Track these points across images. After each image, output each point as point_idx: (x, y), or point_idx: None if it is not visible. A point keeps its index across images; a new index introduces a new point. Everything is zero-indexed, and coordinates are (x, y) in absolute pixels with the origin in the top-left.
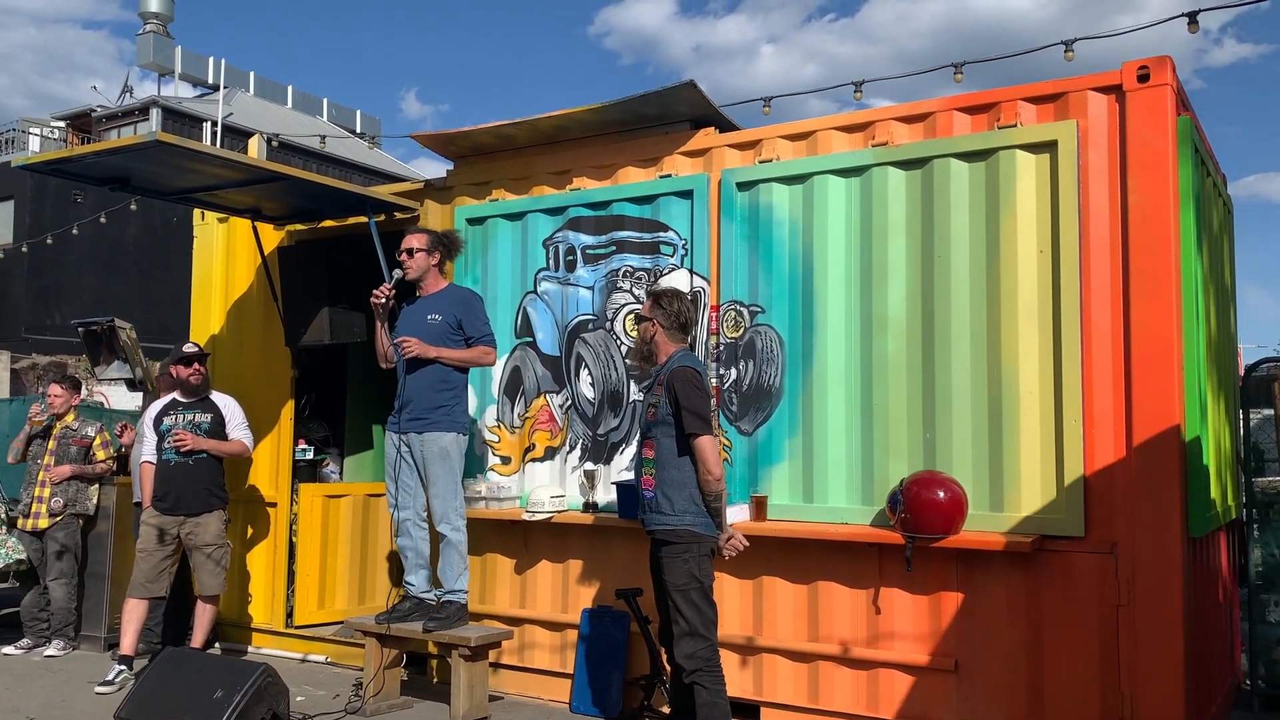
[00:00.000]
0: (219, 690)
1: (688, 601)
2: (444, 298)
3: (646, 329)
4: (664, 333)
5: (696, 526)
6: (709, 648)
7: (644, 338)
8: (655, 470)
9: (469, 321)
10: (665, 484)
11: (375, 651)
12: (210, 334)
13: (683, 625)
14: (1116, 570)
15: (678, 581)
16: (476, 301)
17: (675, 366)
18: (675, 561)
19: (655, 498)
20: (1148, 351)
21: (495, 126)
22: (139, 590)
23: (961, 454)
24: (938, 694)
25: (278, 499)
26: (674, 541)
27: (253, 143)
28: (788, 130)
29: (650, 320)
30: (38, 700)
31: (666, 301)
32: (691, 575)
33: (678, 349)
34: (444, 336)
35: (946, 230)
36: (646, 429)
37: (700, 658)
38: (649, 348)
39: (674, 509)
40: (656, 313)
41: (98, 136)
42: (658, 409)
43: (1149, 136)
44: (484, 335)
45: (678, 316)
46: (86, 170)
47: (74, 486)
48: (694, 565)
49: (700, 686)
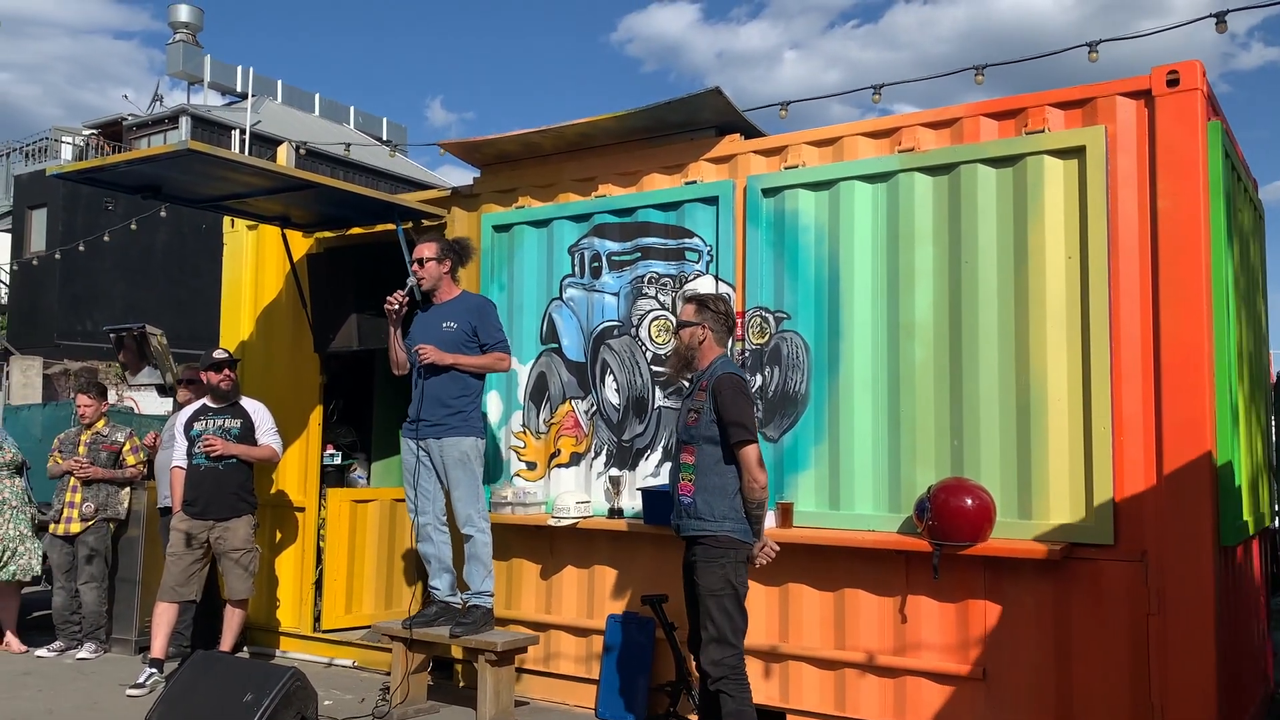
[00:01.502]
0: (248, 693)
1: (720, 607)
2: (458, 305)
3: (695, 334)
4: (713, 337)
5: (736, 533)
6: (735, 655)
7: (690, 342)
8: (696, 476)
9: (483, 328)
10: (706, 490)
11: (402, 656)
12: (240, 340)
13: (711, 631)
14: (1146, 579)
15: (712, 586)
16: (490, 308)
17: (720, 373)
18: (712, 566)
19: (694, 503)
20: (1178, 358)
21: (521, 134)
22: (169, 594)
23: (989, 461)
24: (965, 703)
25: (306, 504)
26: (712, 546)
27: (281, 150)
28: (813, 136)
29: (699, 325)
30: (70, 702)
31: (714, 304)
32: (727, 581)
33: (719, 355)
34: (459, 344)
35: (974, 236)
36: (687, 435)
37: (727, 665)
38: (693, 353)
39: (714, 515)
40: (705, 316)
41: (128, 145)
42: (700, 415)
43: (1179, 141)
44: (499, 341)
45: (727, 319)
46: (119, 179)
47: (105, 491)
48: (730, 571)
49: (725, 695)
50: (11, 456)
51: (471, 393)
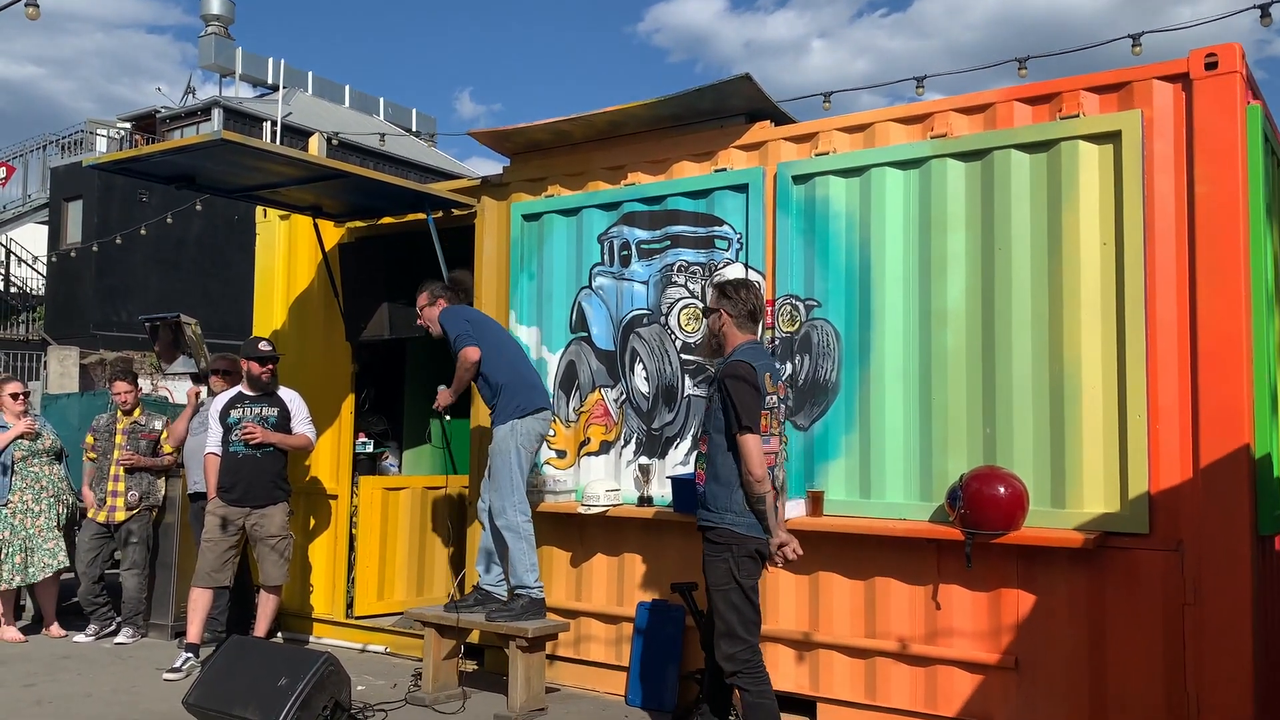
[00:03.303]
0: (283, 678)
1: (726, 602)
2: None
3: (714, 321)
4: (733, 323)
5: (737, 526)
6: (748, 649)
7: (714, 329)
8: (706, 466)
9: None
10: (712, 480)
11: (434, 642)
12: (273, 329)
13: (720, 626)
14: (1182, 568)
15: (716, 581)
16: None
17: (729, 363)
18: (714, 560)
19: (704, 494)
20: (1215, 345)
21: (551, 123)
22: (205, 580)
23: (1022, 449)
24: (998, 692)
25: (338, 491)
26: (715, 540)
27: (313, 141)
28: (844, 123)
29: (718, 311)
30: (108, 685)
31: (732, 290)
32: (729, 575)
33: (746, 340)
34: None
35: (1007, 223)
36: (704, 423)
37: (739, 660)
38: (718, 340)
39: (716, 506)
40: (723, 303)
41: (161, 137)
42: (711, 404)
43: (1217, 125)
44: (454, 342)
45: (745, 304)
46: (153, 169)
47: (146, 479)
48: (733, 565)
49: (742, 689)
50: (51, 443)
51: (493, 387)
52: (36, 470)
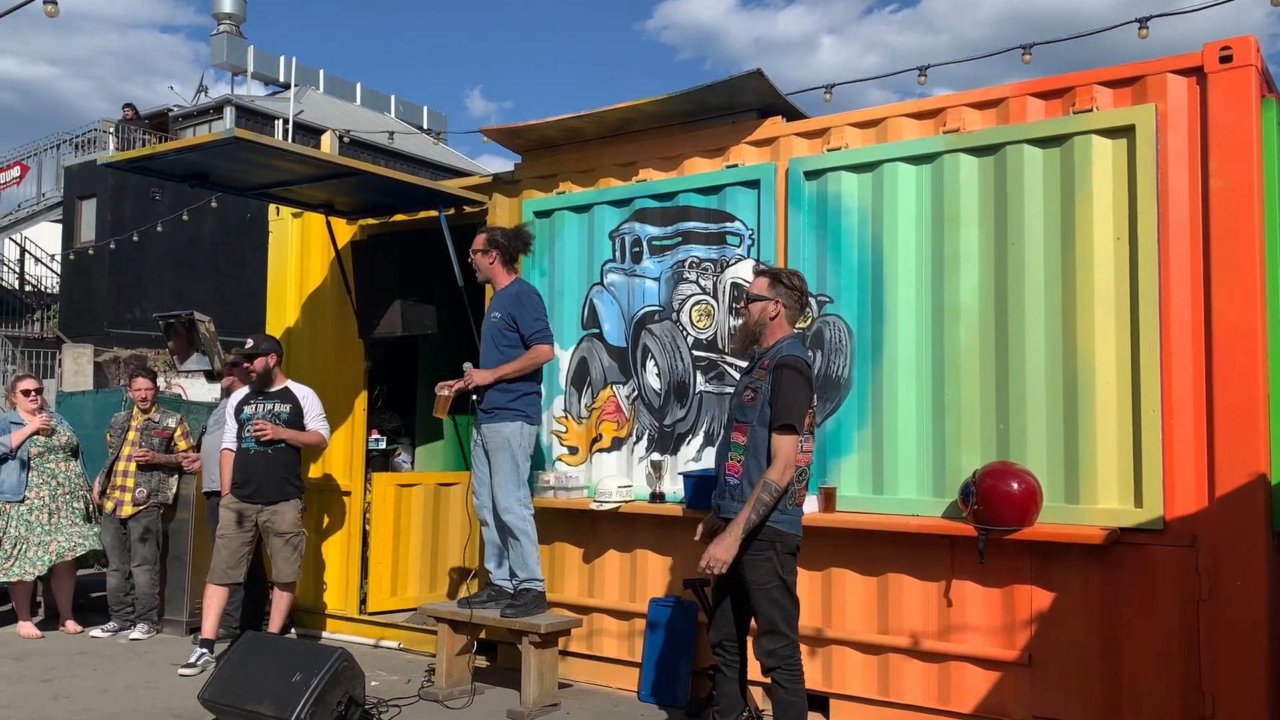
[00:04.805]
0: (297, 673)
1: (769, 599)
2: (503, 294)
3: (766, 309)
4: (785, 314)
5: (780, 524)
6: (789, 645)
7: (760, 318)
8: (745, 458)
9: (521, 318)
10: (755, 473)
11: (447, 638)
12: (286, 326)
13: (764, 623)
14: (1197, 564)
15: (760, 580)
16: (528, 296)
17: (785, 354)
18: (757, 559)
19: (741, 486)
20: (1230, 339)
21: (562, 120)
22: (219, 576)
23: (1036, 445)
24: (1011, 688)
25: (351, 488)
26: (757, 537)
27: (325, 139)
28: (857, 118)
29: (771, 300)
30: (124, 681)
31: (788, 279)
32: (774, 573)
33: (788, 335)
34: (502, 333)
35: (1020, 217)
36: (741, 414)
37: (780, 655)
38: (761, 329)
39: None
40: (779, 291)
41: (174, 135)
42: (757, 395)
43: (1232, 119)
44: (536, 332)
45: (802, 296)
46: (167, 167)
47: (156, 477)
48: (777, 563)
49: (778, 684)
50: (67, 439)
51: (518, 390)
52: (53, 467)
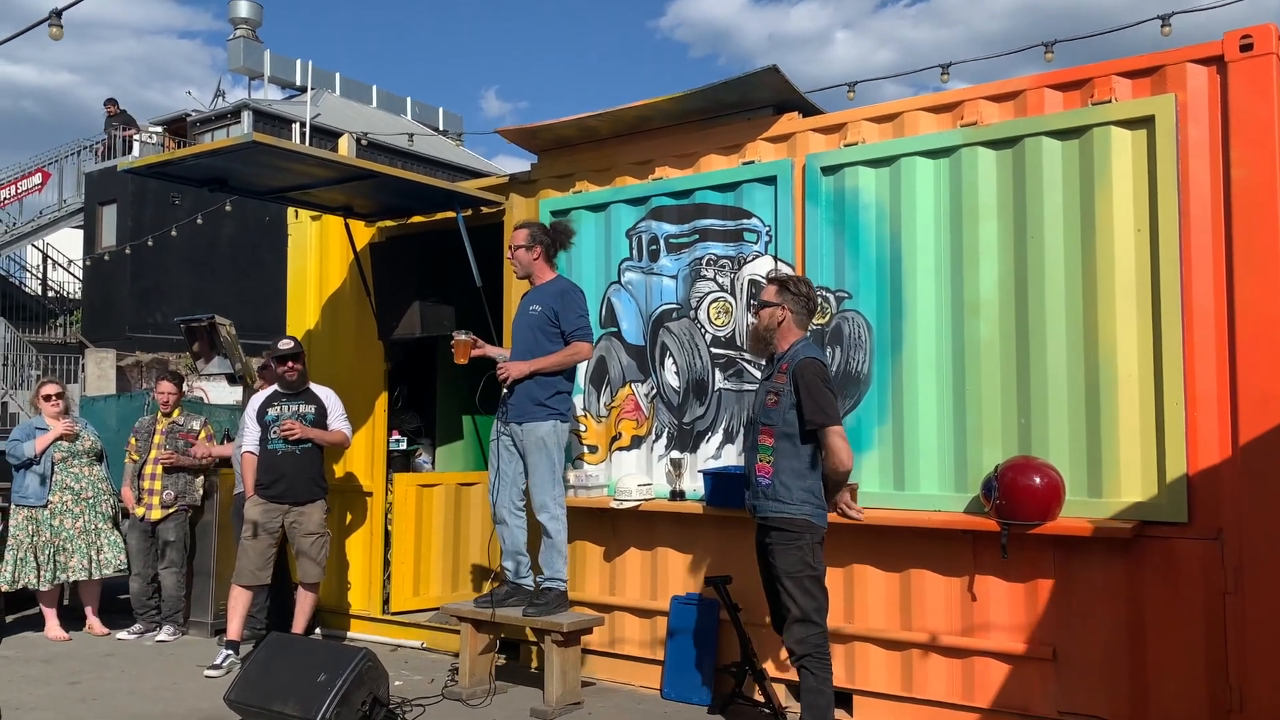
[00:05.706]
0: (322, 674)
1: (801, 588)
2: (546, 289)
3: (774, 314)
4: (793, 319)
5: (813, 516)
6: (819, 634)
7: (769, 323)
8: (774, 458)
9: (564, 315)
10: (785, 472)
11: (470, 637)
12: (306, 329)
13: (794, 611)
14: (1222, 557)
15: (791, 569)
16: (574, 295)
17: (802, 357)
18: (789, 549)
19: (773, 485)
20: (1253, 331)
21: (578, 119)
22: (245, 578)
23: (1058, 439)
24: (1035, 683)
25: (373, 488)
26: (789, 530)
27: (343, 142)
28: (873, 112)
29: (779, 306)
30: (151, 682)
31: (795, 286)
32: (805, 562)
33: (801, 338)
34: (542, 327)
35: (1039, 210)
36: (766, 417)
37: (810, 643)
38: (771, 334)
39: (793, 498)
40: (786, 298)
41: (193, 140)
42: (780, 398)
43: (1253, 108)
44: (577, 329)
45: (809, 303)
46: (186, 172)
47: (183, 479)
48: (807, 553)
49: (807, 671)
50: (91, 444)
51: (554, 386)
52: (76, 471)
